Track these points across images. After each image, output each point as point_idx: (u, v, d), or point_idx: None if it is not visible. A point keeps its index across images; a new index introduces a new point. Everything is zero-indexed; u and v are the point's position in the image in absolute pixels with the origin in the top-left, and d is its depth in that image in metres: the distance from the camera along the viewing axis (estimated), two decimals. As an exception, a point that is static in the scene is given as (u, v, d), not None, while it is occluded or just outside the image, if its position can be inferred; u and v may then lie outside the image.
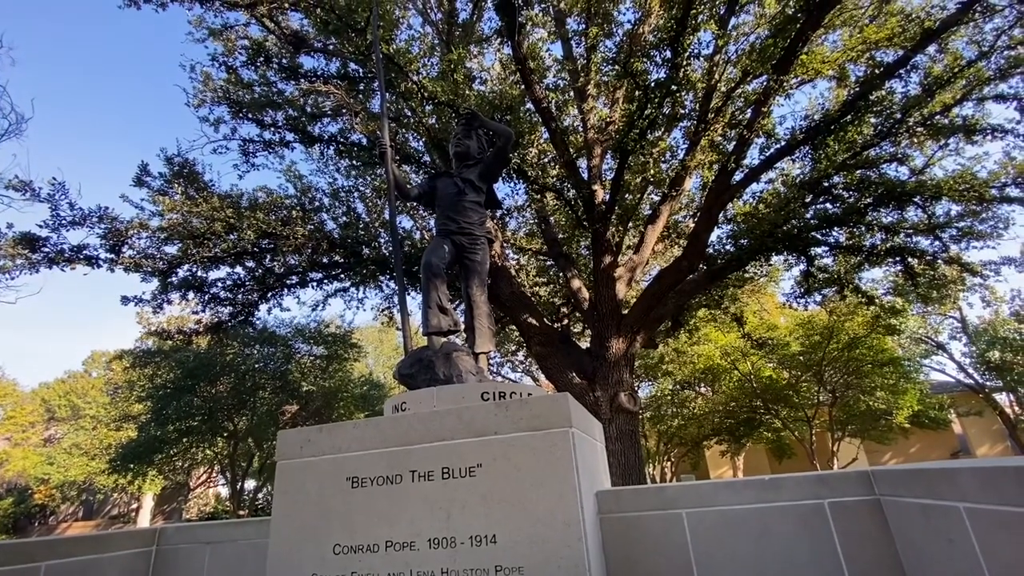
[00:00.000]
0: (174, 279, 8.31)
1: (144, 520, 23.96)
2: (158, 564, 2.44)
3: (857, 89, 7.30)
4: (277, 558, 1.96)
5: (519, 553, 1.72)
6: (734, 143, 7.62)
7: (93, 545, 2.28)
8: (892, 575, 1.70)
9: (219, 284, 8.75)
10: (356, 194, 9.72)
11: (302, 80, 7.90)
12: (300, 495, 2.04)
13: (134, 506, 25.55)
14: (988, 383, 19.37)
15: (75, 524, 26.70)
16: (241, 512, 16.56)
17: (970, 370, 19.74)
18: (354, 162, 8.85)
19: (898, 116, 7.50)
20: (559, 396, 1.99)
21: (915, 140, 8.29)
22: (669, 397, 17.56)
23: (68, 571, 2.10)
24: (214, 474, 21.83)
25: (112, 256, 7.71)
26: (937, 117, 7.65)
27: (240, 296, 9.00)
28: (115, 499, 26.26)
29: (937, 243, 8.64)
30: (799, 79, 7.87)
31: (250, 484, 19.07)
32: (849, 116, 7.15)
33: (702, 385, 17.70)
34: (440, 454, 1.94)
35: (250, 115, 8.18)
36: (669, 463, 20.34)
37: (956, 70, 7.18)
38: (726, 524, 1.91)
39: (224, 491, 22.57)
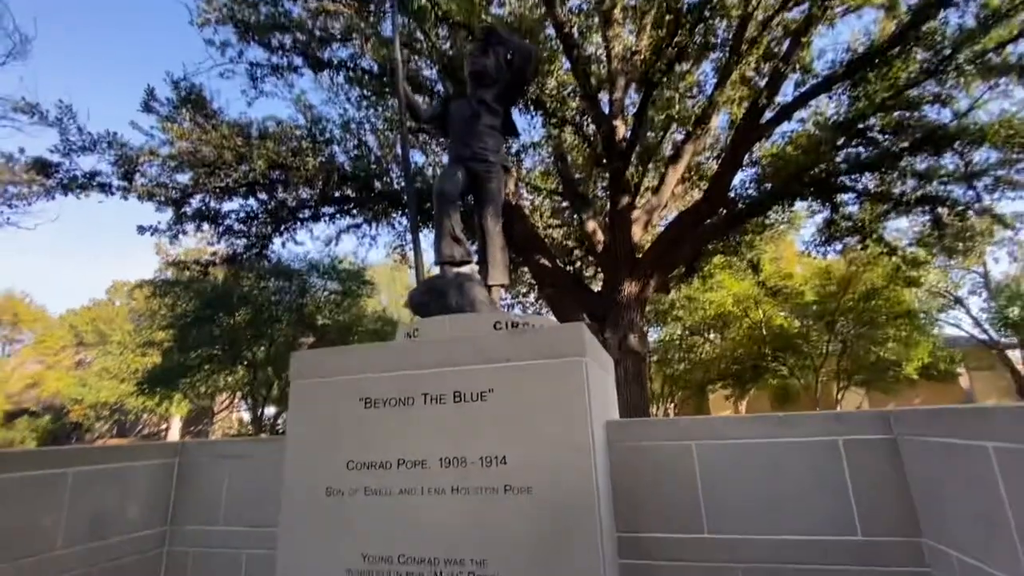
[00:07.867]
0: (188, 209, 8.31)
1: (172, 440, 25.50)
2: (180, 474, 2.55)
3: (908, 18, 6.71)
4: (293, 471, 2.02)
5: (529, 474, 1.75)
6: (767, 78, 7.15)
7: (119, 455, 2.37)
8: (904, 513, 1.70)
9: (232, 216, 8.74)
10: (367, 126, 9.42)
11: (310, -2, 7.46)
12: (314, 413, 2.07)
13: (163, 427, 27.09)
14: (1003, 339, 19.19)
15: (110, 440, 28.50)
16: (262, 435, 17.46)
17: (986, 326, 19.51)
18: (365, 91, 8.51)
19: (948, 52, 6.93)
20: (575, 325, 1.96)
21: (963, 79, 7.70)
22: (677, 342, 17.67)
23: (93, 478, 2.20)
24: (236, 400, 22.85)
25: (125, 184, 7.68)
26: (990, 55, 7.07)
27: (254, 228, 9.00)
28: (145, 419, 27.81)
29: (971, 192, 8.25)
30: (844, 7, 7.26)
31: (270, 410, 19.93)
32: (896, 49, 6.63)
33: (711, 332, 17.73)
34: (452, 379, 1.94)
35: (257, 38, 7.81)
36: (672, 405, 20.80)
37: (1018, 2, 6.53)
38: (736, 457, 1.92)
39: (247, 416, 23.67)
